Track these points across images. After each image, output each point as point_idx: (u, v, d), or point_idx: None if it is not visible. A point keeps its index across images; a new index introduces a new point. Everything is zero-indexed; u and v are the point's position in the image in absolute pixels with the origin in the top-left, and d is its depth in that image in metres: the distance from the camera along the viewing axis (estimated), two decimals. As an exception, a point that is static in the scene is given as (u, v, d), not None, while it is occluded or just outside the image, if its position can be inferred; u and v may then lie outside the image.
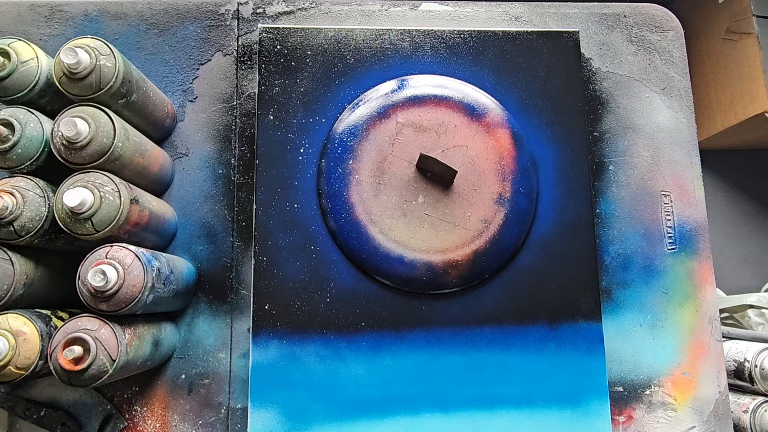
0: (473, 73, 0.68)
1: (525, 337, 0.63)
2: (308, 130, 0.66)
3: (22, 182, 0.53)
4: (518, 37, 0.69)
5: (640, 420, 0.65)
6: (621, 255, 0.68)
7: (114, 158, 0.53)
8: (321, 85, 0.67)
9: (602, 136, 0.71)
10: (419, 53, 0.69)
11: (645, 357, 0.66)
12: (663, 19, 0.75)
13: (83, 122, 0.52)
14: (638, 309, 0.67)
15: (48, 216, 0.53)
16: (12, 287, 0.51)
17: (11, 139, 0.52)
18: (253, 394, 0.60)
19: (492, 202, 0.64)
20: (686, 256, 0.69)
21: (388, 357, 0.61)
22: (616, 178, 0.70)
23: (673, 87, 0.73)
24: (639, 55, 0.73)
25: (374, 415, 0.60)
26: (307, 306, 0.62)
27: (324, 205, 0.64)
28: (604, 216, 0.69)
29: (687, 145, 0.72)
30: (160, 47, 0.70)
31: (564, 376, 0.62)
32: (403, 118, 0.65)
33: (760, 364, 0.86)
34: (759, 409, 0.85)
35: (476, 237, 0.63)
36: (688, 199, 0.70)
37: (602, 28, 0.74)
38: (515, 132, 0.66)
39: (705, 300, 0.68)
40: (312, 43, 0.67)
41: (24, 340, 0.50)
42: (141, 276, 0.51)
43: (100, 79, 0.54)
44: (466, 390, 0.61)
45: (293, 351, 0.61)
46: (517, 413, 0.61)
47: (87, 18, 0.69)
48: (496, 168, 0.65)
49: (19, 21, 0.68)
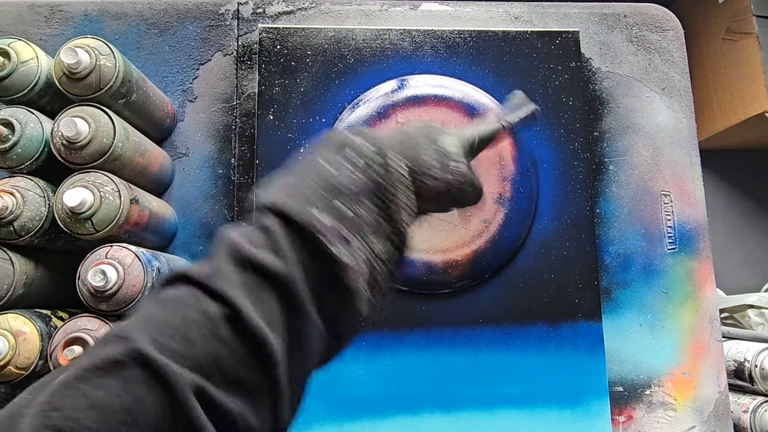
0: (473, 73, 0.68)
1: (525, 337, 0.63)
2: (308, 130, 0.66)
3: (22, 182, 0.53)
4: (518, 37, 0.69)
5: (640, 420, 0.65)
6: (621, 255, 0.68)
7: (114, 158, 0.53)
8: (321, 85, 0.67)
9: (602, 136, 0.71)
10: (419, 53, 0.69)
11: (645, 357, 0.66)
12: (663, 19, 0.75)
13: (83, 122, 0.52)
14: (638, 309, 0.67)
15: (48, 216, 0.53)
16: (12, 287, 0.51)
17: (11, 139, 0.52)
18: (253, 394, 0.60)
19: (492, 202, 0.64)
20: (686, 256, 0.69)
21: (388, 357, 0.61)
22: (616, 178, 0.70)
23: (673, 87, 0.73)
24: (639, 55, 0.73)
25: (374, 415, 0.60)
26: (307, 306, 0.62)
27: (324, 205, 0.64)
28: (604, 216, 0.69)
29: (687, 145, 0.72)
30: (160, 47, 0.70)
31: (564, 376, 0.62)
32: (403, 118, 0.65)
33: (760, 364, 0.86)
34: (759, 409, 0.85)
35: (476, 237, 0.63)
36: (688, 199, 0.70)
37: (602, 28, 0.74)
38: (515, 132, 0.66)
39: (705, 300, 0.68)
40: (312, 43, 0.67)
41: (24, 340, 0.50)
42: (141, 276, 0.51)
43: (100, 79, 0.53)
44: (466, 390, 0.61)
45: (293, 351, 0.61)
46: (517, 413, 0.61)
47: (87, 18, 0.69)
48: (496, 168, 0.65)
49: (19, 21, 0.68)
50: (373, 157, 0.38)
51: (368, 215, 0.37)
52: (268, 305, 0.32)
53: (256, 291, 0.32)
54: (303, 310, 0.33)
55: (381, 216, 0.38)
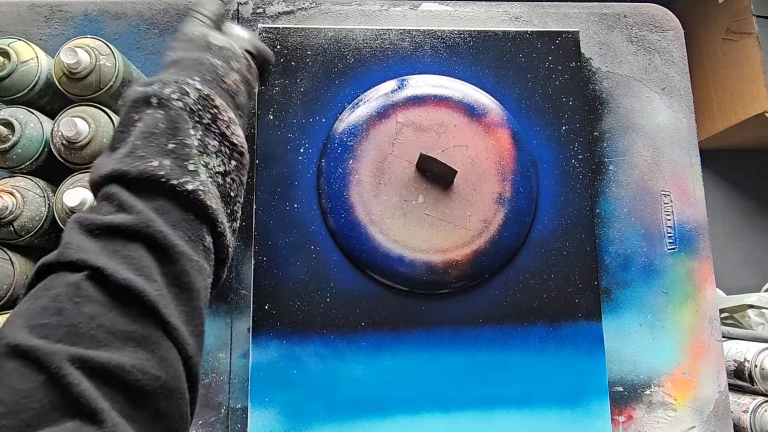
0: (473, 73, 0.68)
1: (525, 337, 0.63)
2: (308, 130, 0.66)
3: (22, 182, 0.53)
4: (518, 37, 0.69)
5: (640, 420, 0.65)
6: (621, 255, 0.68)
7: (114, 158, 0.53)
8: (321, 85, 0.67)
9: (602, 136, 0.71)
10: (419, 53, 0.69)
11: (645, 357, 0.66)
12: (663, 19, 0.75)
13: (83, 122, 0.52)
14: (638, 309, 0.67)
15: (48, 216, 0.53)
16: (12, 287, 0.51)
17: (11, 139, 0.52)
18: (253, 394, 0.60)
19: (492, 202, 0.64)
20: (686, 256, 0.69)
21: (388, 357, 0.61)
22: (616, 178, 0.70)
23: (673, 87, 0.73)
24: (639, 55, 0.73)
25: (374, 415, 0.60)
26: (307, 306, 0.62)
27: (324, 205, 0.64)
28: (604, 216, 0.69)
29: (687, 145, 0.72)
30: (160, 47, 0.70)
31: (564, 376, 0.62)
32: (403, 118, 0.65)
33: (760, 364, 0.86)
34: (759, 409, 0.85)
35: (476, 237, 0.63)
36: (688, 199, 0.70)
37: (602, 28, 0.74)
38: (515, 132, 0.66)
39: (705, 300, 0.68)
40: (312, 43, 0.67)
41: (24, 340, 0.50)
42: (141, 276, 0.51)
43: (100, 79, 0.54)
44: (466, 390, 0.61)
45: (293, 351, 0.61)
46: (517, 413, 0.61)
47: (87, 18, 0.69)
48: (496, 168, 0.65)
49: (19, 21, 0.68)
50: (166, 91, 0.40)
51: (195, 142, 0.38)
52: (134, 258, 0.32)
53: (117, 250, 0.32)
54: (173, 250, 0.34)
55: (207, 137, 0.39)
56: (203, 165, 0.38)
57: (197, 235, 0.37)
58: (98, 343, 0.29)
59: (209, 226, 0.38)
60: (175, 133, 0.38)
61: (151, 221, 0.34)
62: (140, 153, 0.36)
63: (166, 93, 0.39)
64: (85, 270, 0.31)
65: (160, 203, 0.35)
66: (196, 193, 0.36)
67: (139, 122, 0.38)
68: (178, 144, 0.37)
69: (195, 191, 0.36)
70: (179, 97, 0.39)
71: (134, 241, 0.33)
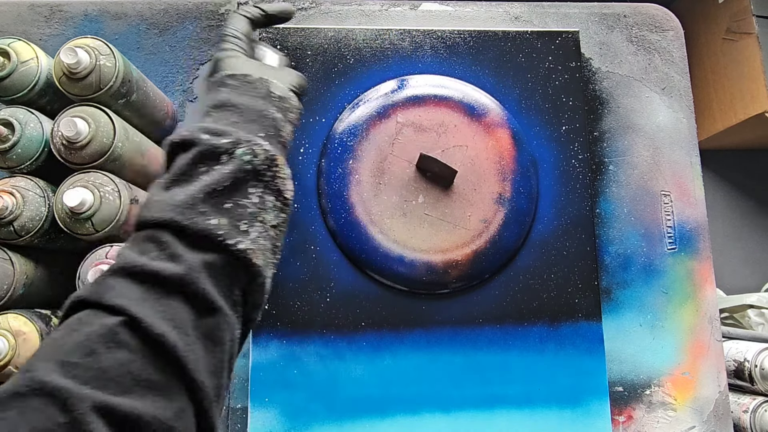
0: (473, 73, 0.68)
1: (525, 337, 0.63)
2: (308, 130, 0.66)
3: (22, 182, 0.53)
4: (518, 37, 0.69)
5: (640, 420, 0.65)
6: (621, 255, 0.68)
7: (114, 158, 0.53)
8: (321, 85, 0.67)
9: (602, 136, 0.71)
10: (419, 53, 0.69)
11: (645, 357, 0.66)
12: (663, 19, 0.75)
13: (83, 122, 0.52)
14: (638, 309, 0.67)
15: (48, 216, 0.53)
16: (12, 287, 0.51)
17: (11, 139, 0.52)
18: (253, 394, 0.60)
19: (492, 202, 0.64)
20: (686, 256, 0.69)
21: (388, 357, 0.61)
22: (616, 178, 0.70)
23: (673, 87, 0.73)
24: (639, 55, 0.73)
25: (374, 415, 0.60)
26: (307, 306, 0.62)
27: (324, 204, 0.64)
28: (604, 216, 0.69)
29: (687, 145, 0.72)
30: (160, 47, 0.70)
31: (564, 376, 0.62)
32: (403, 118, 0.65)
33: (760, 364, 0.86)
34: (759, 409, 0.85)
35: (476, 237, 0.63)
36: (688, 199, 0.70)
37: (602, 28, 0.74)
38: (515, 132, 0.66)
39: (705, 300, 0.68)
40: (312, 43, 0.67)
41: (24, 340, 0.50)
42: (141, 276, 0.51)
43: (100, 79, 0.53)
44: (466, 390, 0.61)
45: (293, 351, 0.61)
46: (517, 413, 0.61)
47: (87, 18, 0.69)
48: (496, 168, 0.65)
49: (19, 21, 0.68)
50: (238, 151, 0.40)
51: (254, 200, 0.40)
52: (172, 309, 0.33)
53: (158, 299, 0.33)
54: (212, 306, 0.35)
55: (266, 194, 0.40)
56: (259, 222, 0.39)
57: (235, 290, 0.38)
58: (123, 389, 0.29)
59: (250, 281, 0.39)
60: (235, 193, 0.39)
61: (198, 277, 0.35)
62: (201, 209, 0.37)
63: (238, 153, 0.40)
64: (123, 316, 0.32)
65: (211, 258, 0.36)
66: (247, 252, 0.38)
67: (205, 175, 0.39)
68: (235, 204, 0.39)
69: (246, 250, 0.38)
70: (250, 160, 0.40)
71: (176, 293, 0.34)
